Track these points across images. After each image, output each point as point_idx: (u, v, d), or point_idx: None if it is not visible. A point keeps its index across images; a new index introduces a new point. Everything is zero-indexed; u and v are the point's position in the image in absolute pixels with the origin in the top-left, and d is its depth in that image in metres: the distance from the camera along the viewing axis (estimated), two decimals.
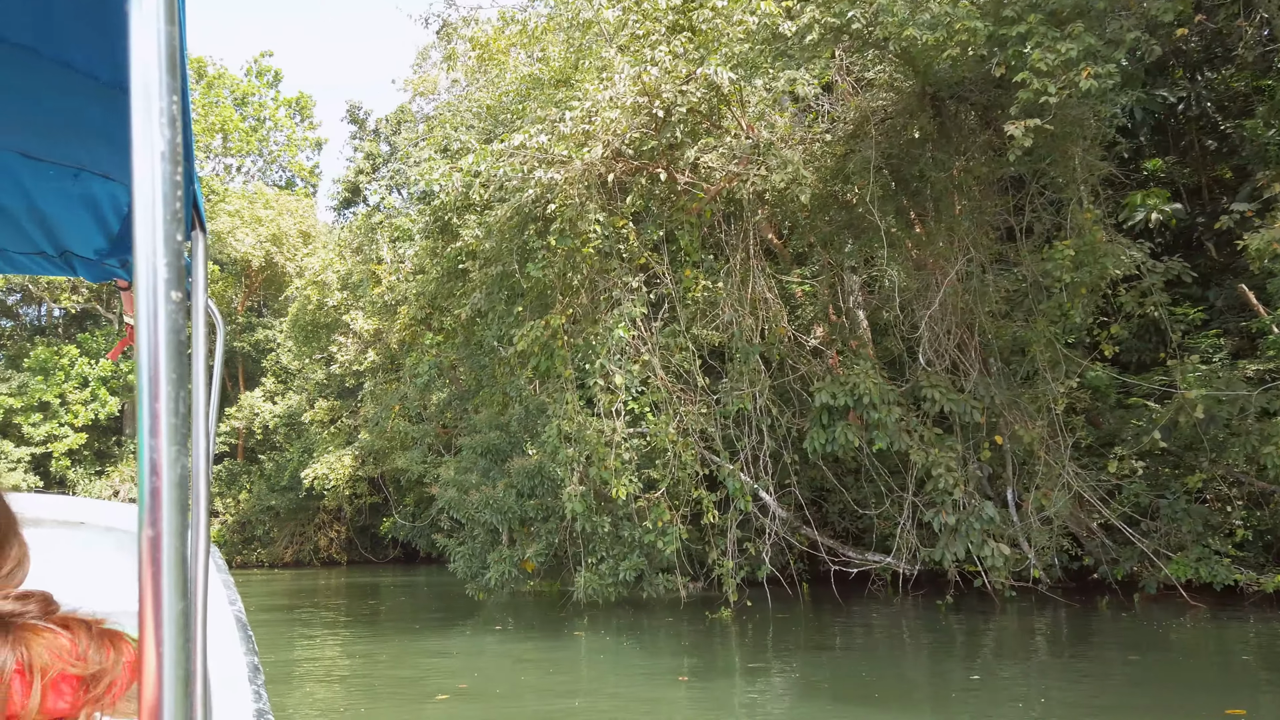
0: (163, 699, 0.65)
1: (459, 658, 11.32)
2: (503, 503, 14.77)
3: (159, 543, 0.65)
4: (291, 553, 34.90)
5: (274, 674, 10.41)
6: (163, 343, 0.66)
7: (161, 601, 0.65)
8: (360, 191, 27.05)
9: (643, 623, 13.90)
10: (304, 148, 38.70)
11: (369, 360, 32.34)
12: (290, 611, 17.59)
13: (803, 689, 8.74)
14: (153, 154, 0.65)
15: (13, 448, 33.64)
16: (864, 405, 13.00)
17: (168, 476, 0.65)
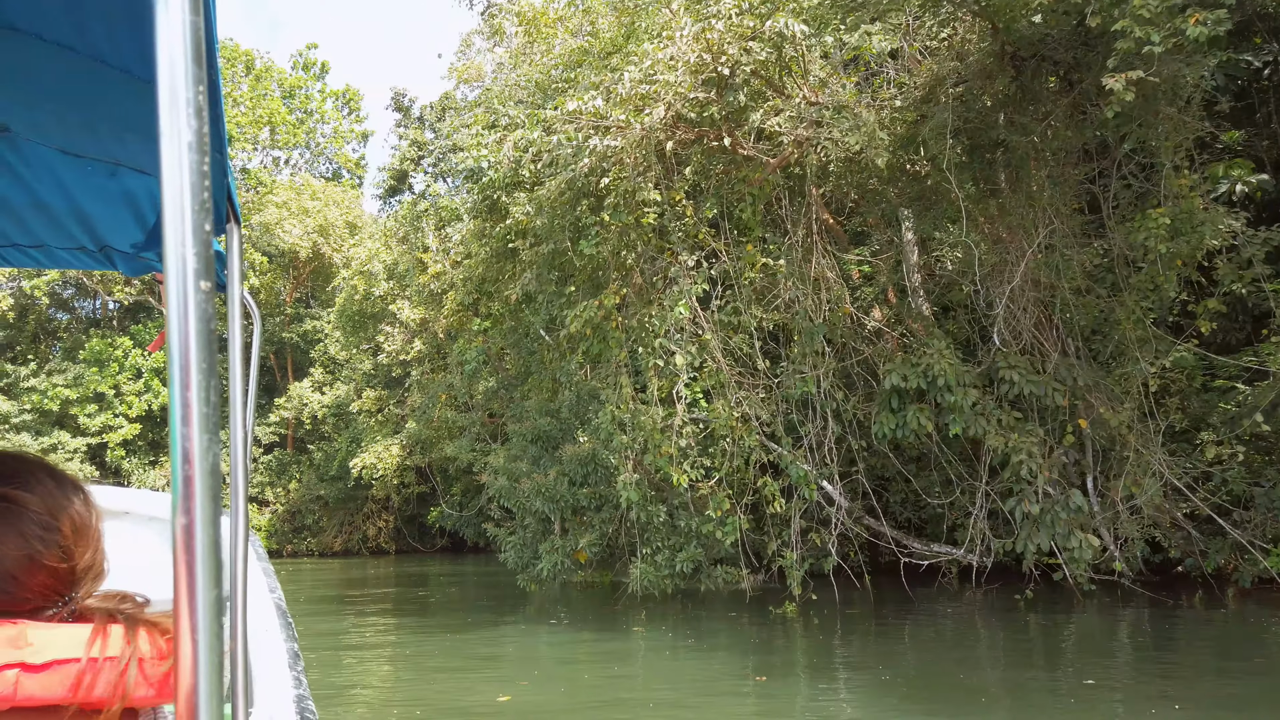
0: (198, 683, 0.65)
1: (515, 654, 10.67)
2: (554, 491, 14.10)
3: (192, 530, 0.65)
4: (341, 542, 34.75)
5: (326, 669, 9.84)
6: (193, 333, 0.65)
7: (196, 587, 0.65)
8: (406, 179, 26.57)
9: (701, 618, 13.14)
10: (350, 139, 38.44)
11: (415, 350, 31.95)
12: (341, 603, 17.13)
13: (888, 691, 7.93)
14: (180, 144, 0.65)
15: (69, 438, 33.86)
16: (938, 388, 12.09)
17: (200, 465, 0.65)
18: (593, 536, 14.10)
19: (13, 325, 36.71)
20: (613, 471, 14.48)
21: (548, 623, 13.17)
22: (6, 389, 34.83)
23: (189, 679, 0.66)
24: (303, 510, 35.05)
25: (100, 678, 1.01)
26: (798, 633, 11.73)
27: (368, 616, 15.11)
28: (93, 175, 1.82)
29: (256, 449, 36.24)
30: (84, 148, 1.73)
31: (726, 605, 13.92)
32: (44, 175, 1.82)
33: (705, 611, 13.60)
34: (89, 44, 1.33)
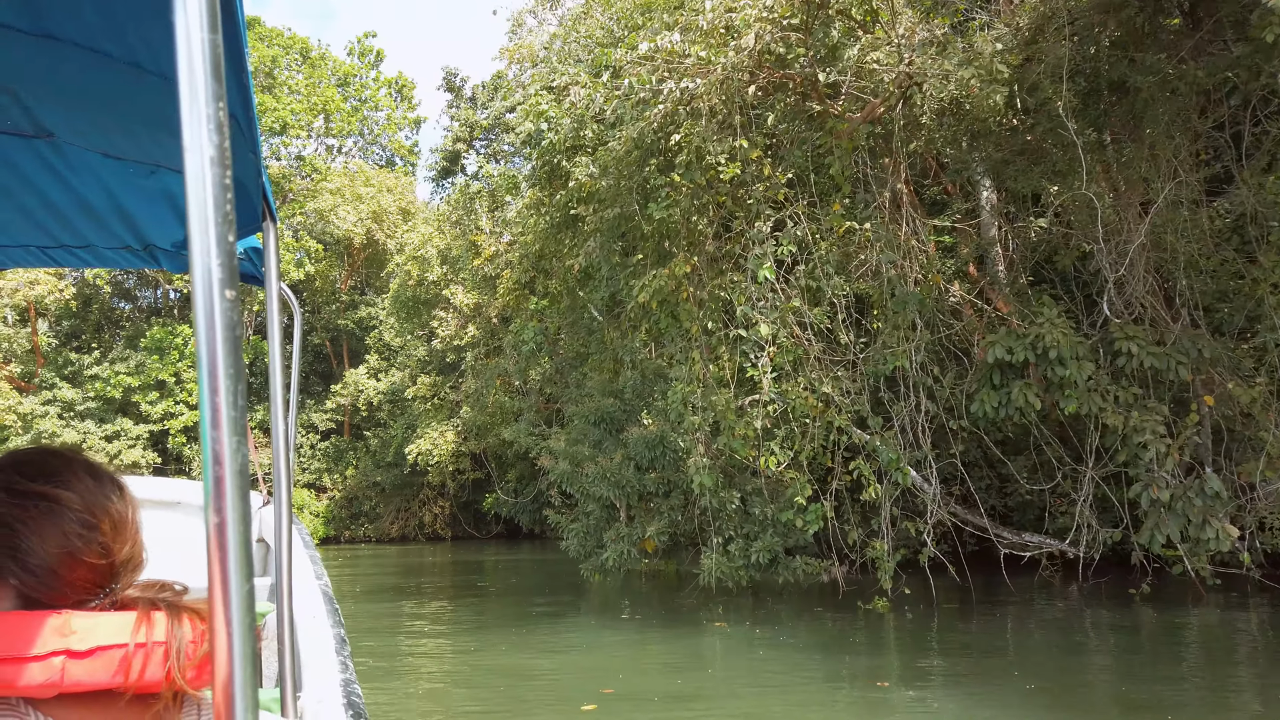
0: (233, 671, 0.66)
1: (591, 653, 9.57)
2: (620, 476, 12.98)
3: (224, 528, 0.66)
4: (397, 528, 34.16)
5: (389, 671, 8.86)
6: (220, 340, 0.66)
7: (229, 582, 0.66)
8: (458, 160, 25.66)
9: (782, 613, 11.91)
10: (403, 126, 37.69)
11: (469, 334, 31.11)
12: (399, 593, 16.26)
13: (1032, 701, 6.67)
14: (202, 159, 0.66)
15: (132, 425, 33.73)
16: (1049, 361, 10.68)
17: (229, 466, 0.66)
18: (661, 524, 12.96)
19: (77, 315, 36.74)
20: (681, 455, 13.32)
21: (617, 616, 12.05)
22: (71, 377, 34.82)
23: (224, 668, 0.67)
24: (359, 497, 34.52)
25: (149, 662, 1.00)
26: (892, 630, 10.47)
27: (426, 607, 14.19)
28: (134, 176, 1.84)
29: (314, 436, 35.81)
30: (124, 149, 1.75)
31: (806, 599, 12.68)
32: (87, 177, 1.84)
33: (784, 605, 12.37)
34: (125, 49, 1.36)
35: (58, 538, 1.05)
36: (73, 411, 33.99)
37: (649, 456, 13.02)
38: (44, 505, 1.06)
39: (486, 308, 30.67)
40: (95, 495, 1.11)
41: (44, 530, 1.05)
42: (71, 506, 1.07)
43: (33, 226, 2.12)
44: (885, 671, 7.98)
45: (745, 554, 12.59)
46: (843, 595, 12.61)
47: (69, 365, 34.98)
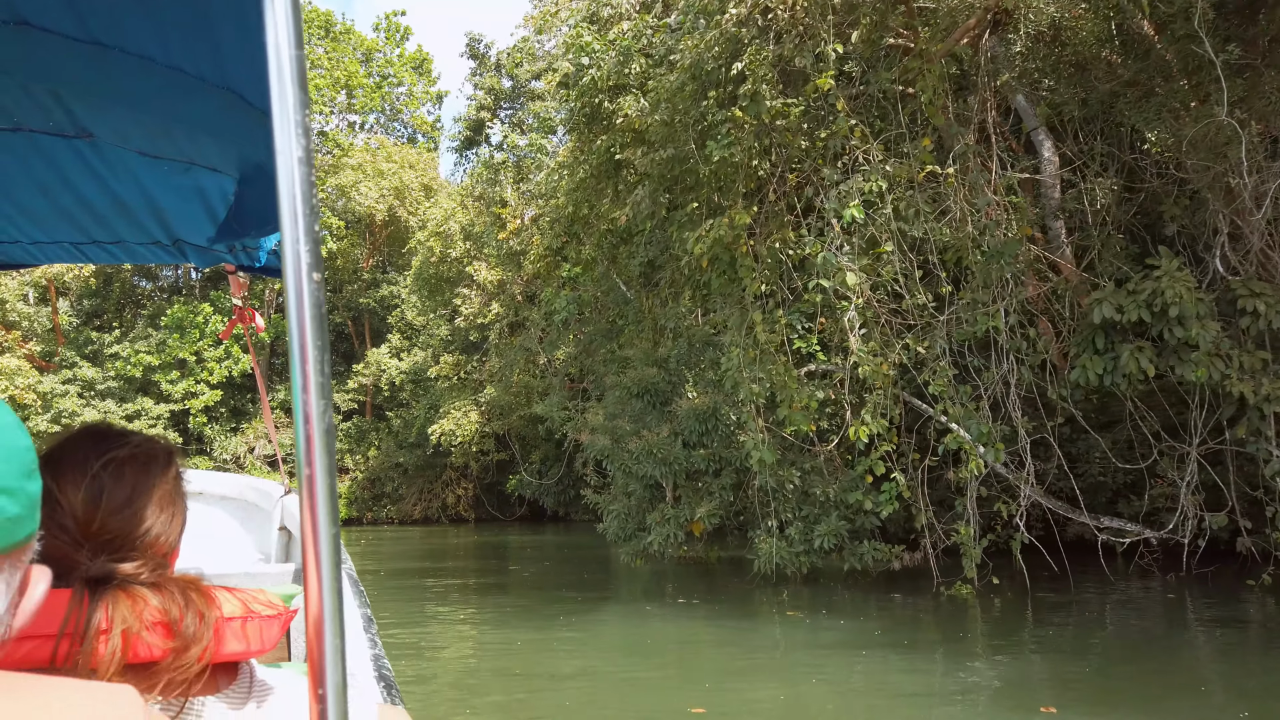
0: (324, 611, 0.71)
1: (659, 653, 8.07)
2: (667, 452, 11.51)
3: (314, 480, 0.71)
4: (420, 509, 32.88)
5: (426, 674, 7.44)
6: (308, 316, 0.70)
7: (319, 526, 0.71)
8: (482, 129, 24.17)
9: (857, 603, 10.37)
10: (425, 101, 36.22)
11: (493, 312, 29.67)
12: (425, 578, 14.89)
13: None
14: (291, 160, 0.71)
15: (152, 404, 32.55)
16: (1167, 320, 9.11)
17: (318, 425, 0.71)
18: (712, 505, 11.49)
19: (98, 293, 35.56)
20: (733, 429, 11.83)
21: (675, 602, 10.58)
22: (92, 356, 33.66)
23: (316, 602, 0.71)
24: (382, 478, 33.25)
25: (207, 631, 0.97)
26: (984, 622, 8.97)
27: (460, 598, 12.81)
28: (169, 174, 1.85)
29: (336, 416, 34.50)
30: (161, 149, 1.75)
31: (875, 587, 11.18)
32: (124, 176, 1.85)
33: (854, 594, 10.85)
34: (167, 54, 1.37)
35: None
36: (93, 391, 32.83)
37: (699, 431, 11.53)
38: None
39: (511, 284, 29.24)
40: None
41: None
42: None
43: (67, 223, 2.12)
44: (1037, 689, 6.47)
45: (806, 538, 11.12)
46: (914, 582, 11.13)
47: (90, 344, 33.82)
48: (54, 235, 2.19)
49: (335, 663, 0.72)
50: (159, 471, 1.06)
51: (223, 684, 1.01)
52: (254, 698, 1.03)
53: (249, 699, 1.02)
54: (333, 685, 0.72)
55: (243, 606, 1.03)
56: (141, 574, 0.98)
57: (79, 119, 1.61)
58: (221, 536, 4.56)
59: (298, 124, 0.71)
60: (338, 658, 0.72)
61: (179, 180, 1.87)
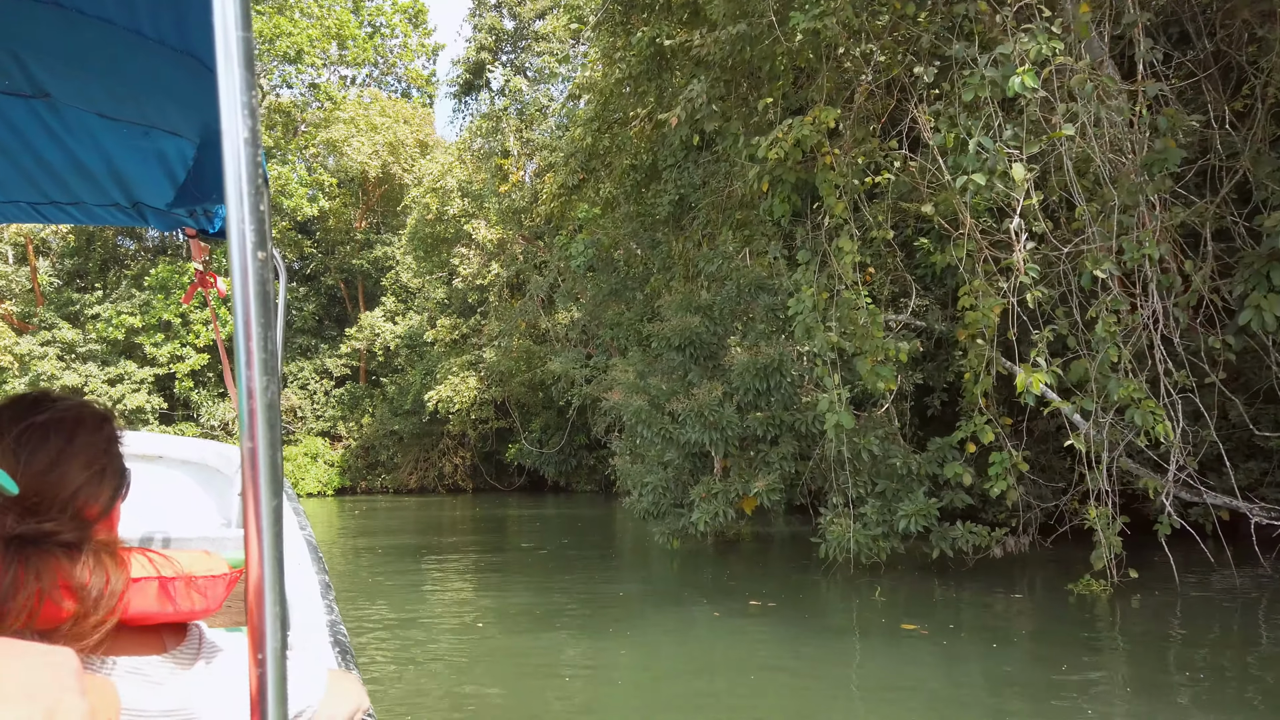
0: (263, 580, 0.70)
1: (734, 673, 5.80)
2: (719, 415, 9.18)
3: (256, 453, 0.70)
4: (416, 479, 30.49)
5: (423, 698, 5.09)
6: (252, 293, 0.70)
7: (260, 498, 0.70)
8: (483, 72, 21.55)
9: (968, 604, 8.07)
10: (420, 55, 33.34)
11: (492, 273, 27.15)
12: (425, 556, 12.56)
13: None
14: (238, 141, 0.69)
15: (136, 368, 29.90)
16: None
17: (260, 400, 0.70)
18: (771, 478, 9.17)
19: (79, 252, 32.72)
20: (795, 389, 9.50)
21: (734, 599, 8.25)
22: (72, 317, 30.93)
23: (256, 573, 0.70)
24: (376, 446, 30.79)
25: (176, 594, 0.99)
26: (1132, 625, 6.76)
27: (457, 576, 10.52)
28: (128, 137, 1.77)
29: (328, 381, 31.96)
30: (120, 111, 1.68)
31: (975, 580, 8.88)
32: (82, 137, 1.78)
33: (956, 589, 8.53)
34: (128, 17, 1.33)
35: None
36: (73, 353, 30.13)
37: (758, 390, 9.18)
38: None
39: (511, 242, 26.71)
40: None
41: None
42: None
43: (25, 183, 2.05)
44: None
45: (885, 518, 8.85)
46: (1023, 573, 8.91)
47: (70, 305, 31.07)
48: (10, 195, 2.09)
49: (275, 630, 0.71)
50: (86, 435, 1.01)
51: (170, 644, 1.00)
52: (202, 658, 1.00)
53: (197, 659, 1.00)
54: (271, 651, 0.71)
55: (185, 568, 1.00)
56: (60, 533, 0.94)
57: (37, 79, 1.54)
58: (182, 501, 4.34)
59: (244, 105, 0.69)
60: (277, 625, 0.71)
61: (138, 143, 1.79)
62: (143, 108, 1.66)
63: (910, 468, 9.07)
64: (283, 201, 29.13)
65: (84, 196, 2.11)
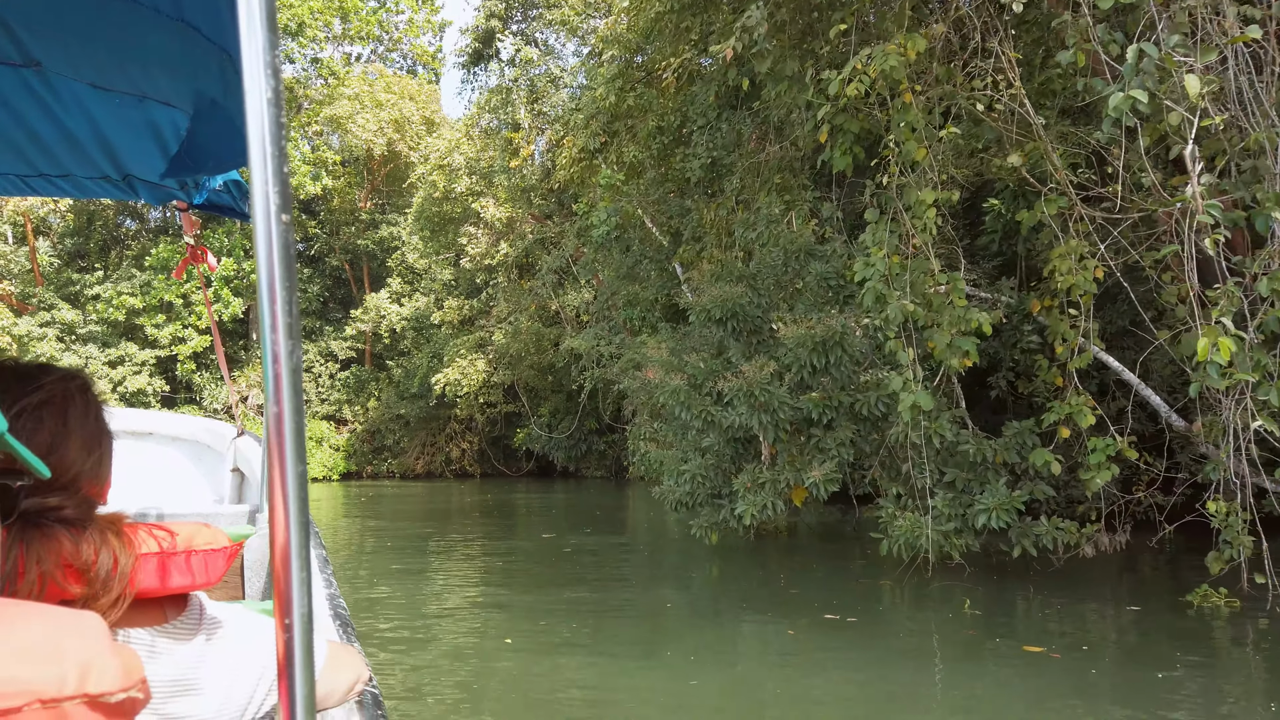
0: (290, 545, 0.68)
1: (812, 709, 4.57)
2: (772, 396, 7.96)
3: (282, 417, 0.68)
4: (423, 464, 29.31)
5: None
6: (277, 257, 0.68)
7: (286, 463, 0.68)
8: (492, 41, 20.22)
9: (1067, 611, 6.87)
10: (426, 31, 31.92)
11: (501, 253, 25.89)
12: (433, 543, 11.38)
13: None
14: (261, 101, 0.67)
15: (137, 350, 28.69)
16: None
17: (286, 364, 0.68)
18: (829, 467, 7.97)
19: (79, 232, 31.42)
20: (856, 365, 8.29)
21: (795, 611, 7.06)
22: (73, 298, 29.68)
23: (282, 535, 0.69)
24: (382, 430, 29.59)
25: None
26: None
27: (471, 572, 9.35)
28: (120, 107, 1.71)
29: (333, 365, 30.75)
30: (112, 81, 1.61)
31: (1064, 581, 7.72)
32: (73, 108, 1.71)
33: (1048, 594, 7.36)
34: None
35: None
36: (73, 335, 28.91)
37: (813, 368, 7.95)
38: None
39: (521, 221, 25.43)
40: None
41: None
42: None
43: (13, 155, 1.95)
44: None
45: (959, 512, 7.65)
46: (1122, 579, 7.72)
47: (70, 285, 29.81)
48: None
49: (302, 594, 0.70)
50: (78, 412, 0.95)
51: (171, 615, 0.97)
52: (203, 631, 0.97)
53: (198, 632, 0.97)
54: (299, 615, 0.70)
55: (186, 541, 0.98)
56: (65, 509, 0.89)
57: (27, 48, 1.47)
58: (174, 477, 4.16)
59: (267, 64, 0.68)
60: (305, 590, 0.70)
61: (130, 113, 1.72)
62: (134, 77, 1.58)
63: (985, 455, 7.87)
64: None
65: (73, 169, 2.03)
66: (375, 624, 6.77)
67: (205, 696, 0.92)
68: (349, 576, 9.20)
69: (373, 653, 5.81)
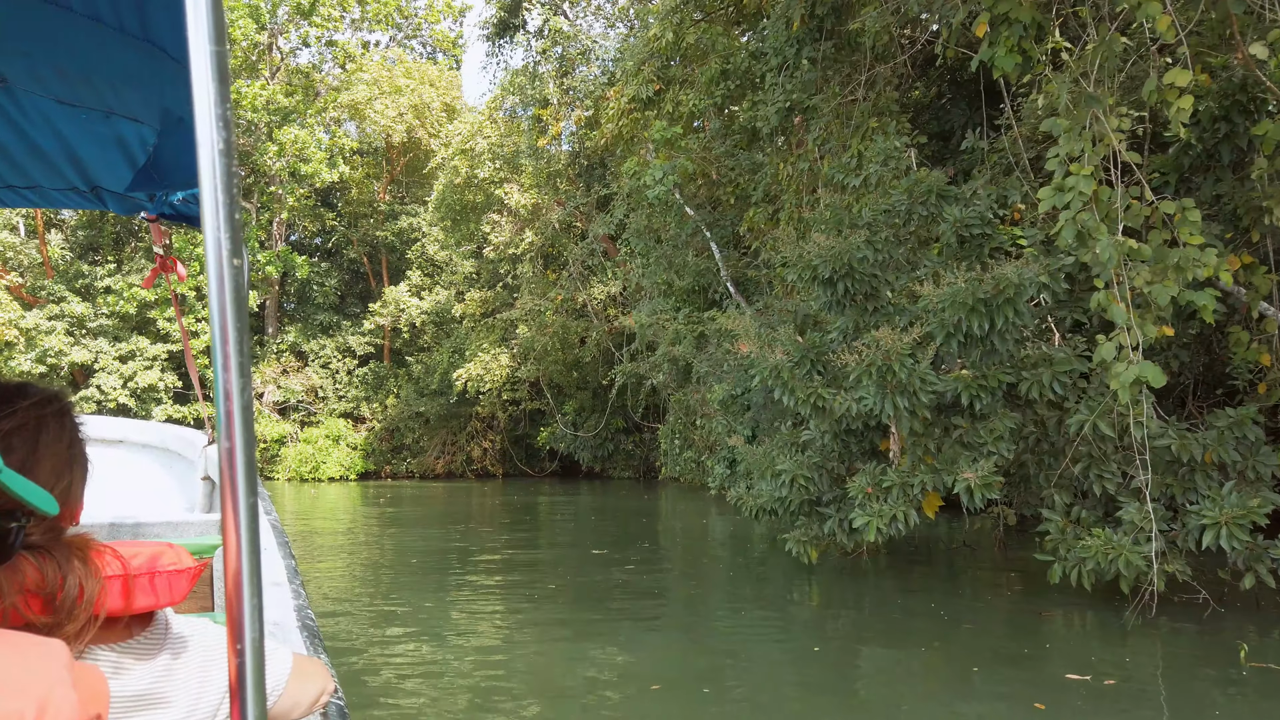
0: (242, 574, 0.68)
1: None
2: (912, 374, 5.88)
3: (234, 452, 0.68)
4: (443, 464, 27.31)
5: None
6: (229, 299, 0.69)
7: (239, 495, 0.68)
8: (519, 9, 18.28)
9: None
10: (447, 16, 30.01)
11: (526, 241, 23.91)
12: (457, 560, 9.34)
13: None
14: (213, 152, 0.68)
15: (149, 344, 26.83)
16: None
17: (238, 402, 0.68)
18: (987, 466, 5.88)
19: (92, 224, 29.63)
20: (1028, 333, 6.18)
21: (1039, 671, 4.94)
22: (84, 290, 27.87)
23: (234, 564, 0.68)
24: (401, 428, 27.61)
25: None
26: None
27: (514, 601, 7.30)
28: (87, 122, 1.67)
29: (350, 360, 28.76)
30: (79, 97, 1.58)
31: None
32: (40, 122, 1.67)
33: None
34: (87, 3, 1.26)
35: None
36: (84, 328, 27.09)
37: (968, 337, 5.86)
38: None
39: (547, 208, 23.43)
40: None
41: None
42: None
43: None
44: None
45: (1162, 528, 5.56)
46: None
47: (81, 278, 28.01)
48: None
49: (253, 621, 0.69)
50: (50, 438, 0.91)
51: (136, 632, 0.93)
52: (168, 649, 0.94)
53: (162, 650, 0.94)
54: (250, 642, 0.70)
55: (150, 562, 0.94)
56: (31, 535, 0.83)
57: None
58: (146, 485, 4.01)
59: (219, 118, 0.68)
60: (256, 616, 0.70)
61: (97, 128, 1.67)
62: (101, 94, 1.55)
63: (1191, 453, 5.76)
64: (300, 168, 25.94)
65: (41, 180, 1.98)
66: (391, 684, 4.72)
67: (171, 711, 0.90)
68: (353, 592, 7.18)
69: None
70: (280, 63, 27.76)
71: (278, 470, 26.91)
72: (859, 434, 6.69)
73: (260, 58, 27.47)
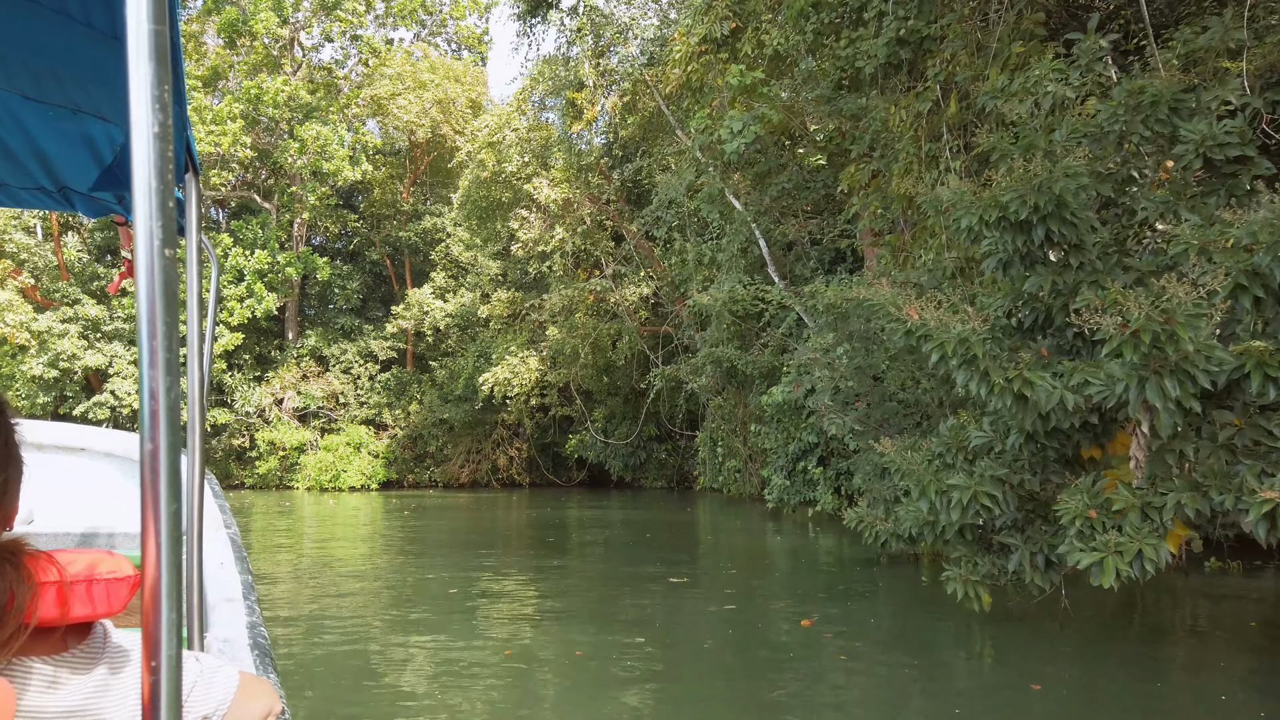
0: (160, 586, 0.64)
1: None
2: (1177, 346, 3.89)
3: (157, 454, 0.65)
4: (468, 473, 25.37)
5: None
6: (159, 291, 0.65)
7: (159, 502, 0.65)
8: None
9: None
10: (473, 11, 28.31)
11: (556, 238, 22.03)
12: (482, 602, 7.34)
13: None
14: (148, 135, 0.65)
15: None
16: None
17: (163, 401, 0.65)
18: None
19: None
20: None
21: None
22: (99, 293, 26.23)
23: (153, 578, 0.64)
24: (425, 436, 25.72)
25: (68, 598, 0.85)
26: None
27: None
28: (54, 120, 1.59)
29: (373, 366, 26.92)
30: (46, 94, 1.50)
31: None
32: (6, 119, 1.59)
33: None
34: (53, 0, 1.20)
35: None
36: (98, 331, 25.44)
37: (1263, 294, 3.88)
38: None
39: (579, 204, 21.56)
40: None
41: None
42: None
43: None
44: None
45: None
46: None
47: (96, 280, 26.39)
48: None
49: (170, 637, 0.65)
50: None
51: (72, 644, 0.87)
52: (105, 661, 0.86)
53: (99, 663, 0.86)
54: (166, 658, 0.65)
55: (87, 569, 0.87)
56: None
57: None
58: (111, 494, 3.60)
59: (155, 99, 0.65)
60: (173, 632, 0.65)
61: (64, 125, 1.58)
62: (68, 91, 1.48)
63: None
64: (322, 165, 24.22)
65: (8, 179, 1.87)
66: None
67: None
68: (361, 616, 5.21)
69: None
70: (302, 59, 26.12)
71: (297, 479, 25.06)
72: (1065, 435, 4.66)
73: (283, 53, 25.85)
